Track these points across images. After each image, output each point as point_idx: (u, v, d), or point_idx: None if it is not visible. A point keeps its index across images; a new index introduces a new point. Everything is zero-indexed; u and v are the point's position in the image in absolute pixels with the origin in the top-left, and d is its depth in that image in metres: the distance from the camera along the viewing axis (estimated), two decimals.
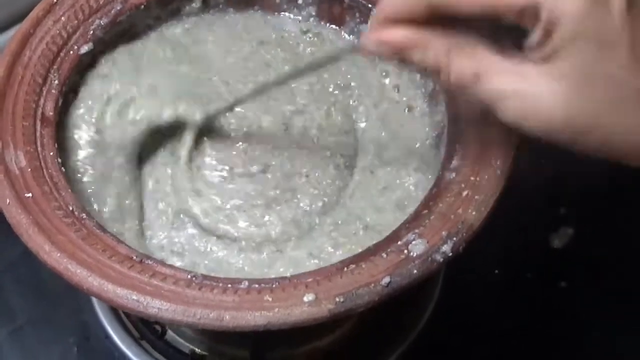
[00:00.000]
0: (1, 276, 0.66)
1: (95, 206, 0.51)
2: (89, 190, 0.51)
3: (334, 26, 0.59)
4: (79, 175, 0.51)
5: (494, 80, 0.39)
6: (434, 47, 0.40)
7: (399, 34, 0.40)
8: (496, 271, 0.67)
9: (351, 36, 0.59)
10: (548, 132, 0.38)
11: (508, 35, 0.40)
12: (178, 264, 0.49)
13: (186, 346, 0.61)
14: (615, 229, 0.69)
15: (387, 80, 0.57)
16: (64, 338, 0.63)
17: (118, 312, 0.62)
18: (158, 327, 0.62)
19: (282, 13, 0.60)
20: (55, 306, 0.64)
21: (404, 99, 0.57)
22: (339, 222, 0.51)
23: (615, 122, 0.38)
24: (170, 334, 0.61)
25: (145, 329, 0.61)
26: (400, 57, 0.41)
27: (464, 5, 0.39)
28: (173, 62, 0.57)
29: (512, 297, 0.65)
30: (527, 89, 0.38)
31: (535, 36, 0.38)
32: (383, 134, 0.55)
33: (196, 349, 0.61)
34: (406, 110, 0.56)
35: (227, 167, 0.53)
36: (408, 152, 0.54)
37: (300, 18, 0.60)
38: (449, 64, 0.39)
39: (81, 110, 0.53)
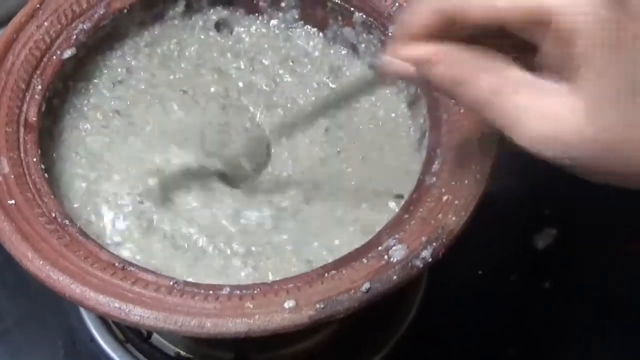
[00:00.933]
0: None
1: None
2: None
3: (316, 29, 0.60)
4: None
5: (512, 97, 0.35)
6: (459, 60, 0.37)
7: (421, 49, 0.38)
8: (480, 272, 0.67)
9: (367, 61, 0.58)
10: (569, 155, 0.35)
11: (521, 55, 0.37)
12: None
13: (171, 349, 0.61)
14: (598, 229, 0.69)
15: None
16: (52, 340, 0.63)
17: None
18: (144, 330, 0.62)
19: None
20: (42, 308, 0.64)
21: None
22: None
23: None
24: (156, 337, 0.61)
25: (130, 332, 0.61)
26: (423, 73, 0.38)
27: (473, 11, 0.36)
28: None
29: (496, 299, 0.66)
30: (548, 108, 0.34)
31: (548, 47, 0.35)
32: None
33: (181, 352, 0.61)
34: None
35: None
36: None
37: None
38: (474, 78, 0.36)
39: None
